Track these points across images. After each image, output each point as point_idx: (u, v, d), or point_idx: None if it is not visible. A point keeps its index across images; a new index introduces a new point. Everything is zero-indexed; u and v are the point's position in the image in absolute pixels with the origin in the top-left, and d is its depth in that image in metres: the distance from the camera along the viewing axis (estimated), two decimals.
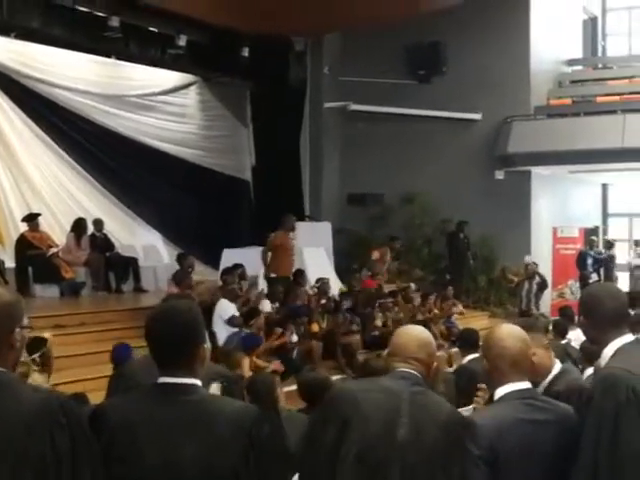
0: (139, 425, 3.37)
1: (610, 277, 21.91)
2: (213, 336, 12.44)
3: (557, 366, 4.68)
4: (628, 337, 4.08)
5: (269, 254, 15.67)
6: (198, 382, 3.49)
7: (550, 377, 4.61)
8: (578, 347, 8.10)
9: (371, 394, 3.80)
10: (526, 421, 3.77)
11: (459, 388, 8.04)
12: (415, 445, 3.66)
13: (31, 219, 16.27)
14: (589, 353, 7.54)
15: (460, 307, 18.29)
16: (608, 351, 4.04)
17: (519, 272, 19.84)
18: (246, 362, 11.41)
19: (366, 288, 17.38)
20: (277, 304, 14.69)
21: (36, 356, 8.79)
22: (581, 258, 21.16)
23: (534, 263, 19.62)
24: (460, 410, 5.90)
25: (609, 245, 23.44)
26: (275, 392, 7.79)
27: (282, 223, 15.84)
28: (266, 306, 14.37)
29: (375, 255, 19.43)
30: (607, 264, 22.51)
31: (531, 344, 4.40)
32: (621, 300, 4.21)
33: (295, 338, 13.43)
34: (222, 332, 12.74)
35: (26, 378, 8.31)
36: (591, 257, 21.64)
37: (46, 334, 9.20)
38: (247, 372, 11.21)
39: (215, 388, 5.11)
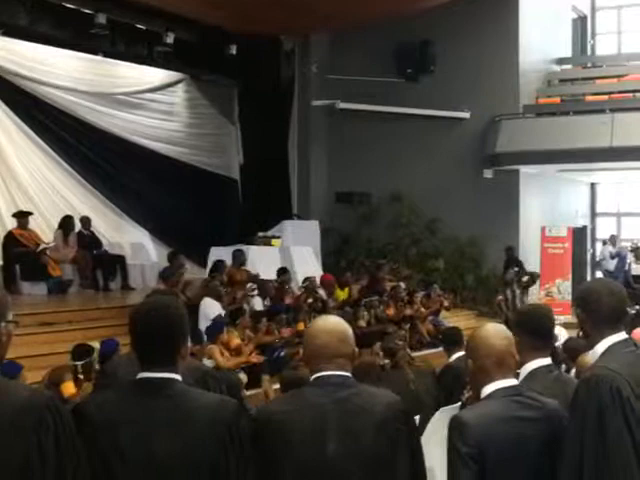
0: (120, 421, 3.39)
1: None
2: (200, 335, 12.38)
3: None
4: (621, 335, 4.02)
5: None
6: (178, 377, 3.50)
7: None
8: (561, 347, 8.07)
9: (295, 416, 3.67)
10: (514, 418, 3.74)
11: (444, 386, 8.07)
12: (350, 455, 3.59)
13: (22, 216, 16.24)
14: (572, 350, 7.58)
15: (446, 302, 18.08)
16: (599, 348, 3.99)
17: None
18: (216, 350, 11.45)
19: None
20: (268, 301, 14.67)
21: (79, 364, 8.75)
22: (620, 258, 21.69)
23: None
24: (446, 408, 5.90)
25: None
26: (241, 392, 7.79)
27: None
28: (257, 303, 14.34)
29: None
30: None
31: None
32: (619, 297, 4.12)
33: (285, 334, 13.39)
34: None
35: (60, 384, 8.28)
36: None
37: (95, 344, 9.15)
38: (220, 360, 11.27)
39: None
